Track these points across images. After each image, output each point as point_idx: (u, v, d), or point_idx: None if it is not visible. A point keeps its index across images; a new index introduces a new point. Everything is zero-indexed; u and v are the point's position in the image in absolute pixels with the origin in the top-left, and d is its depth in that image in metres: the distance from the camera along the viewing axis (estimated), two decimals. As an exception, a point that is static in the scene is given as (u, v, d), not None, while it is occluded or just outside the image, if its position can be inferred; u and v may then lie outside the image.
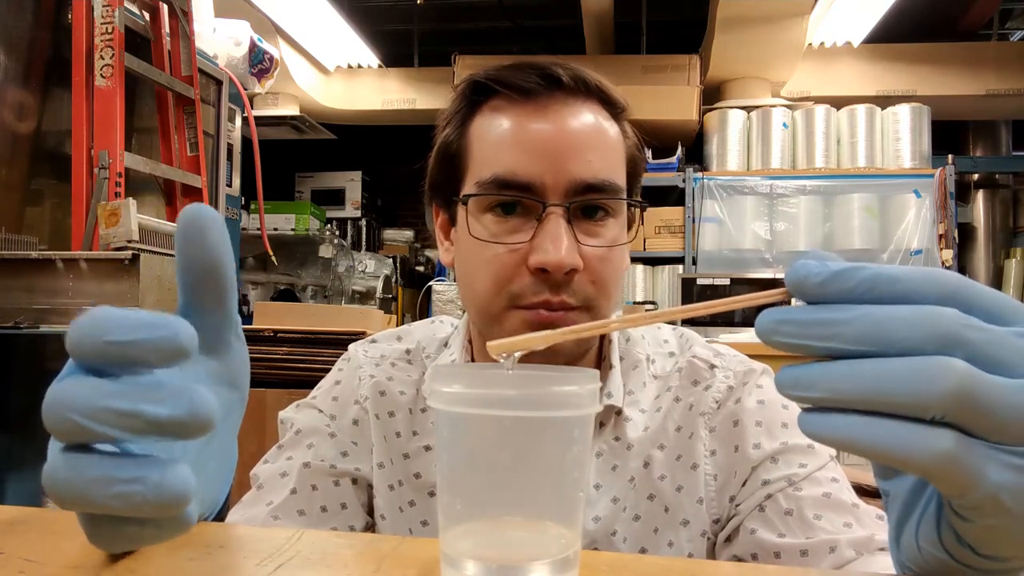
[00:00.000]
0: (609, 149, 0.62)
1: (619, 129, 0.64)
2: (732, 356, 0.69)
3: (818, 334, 0.27)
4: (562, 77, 0.60)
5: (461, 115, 0.65)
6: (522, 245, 0.59)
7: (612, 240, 0.61)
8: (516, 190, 0.59)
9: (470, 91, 0.64)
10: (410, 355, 0.74)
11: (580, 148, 0.59)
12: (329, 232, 4.57)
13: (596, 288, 0.60)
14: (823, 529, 0.56)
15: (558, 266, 0.56)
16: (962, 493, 0.27)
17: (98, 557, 0.34)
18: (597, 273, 0.59)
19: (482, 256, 0.60)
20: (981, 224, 4.51)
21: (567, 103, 0.60)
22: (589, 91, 0.62)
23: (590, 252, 0.59)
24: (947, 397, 0.25)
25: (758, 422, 0.63)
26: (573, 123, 0.60)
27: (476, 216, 0.61)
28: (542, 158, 0.58)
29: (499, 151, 0.60)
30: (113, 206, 1.63)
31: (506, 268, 0.59)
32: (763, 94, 4.21)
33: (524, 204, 0.59)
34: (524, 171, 0.58)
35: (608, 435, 0.65)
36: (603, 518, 0.63)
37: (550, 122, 0.59)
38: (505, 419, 0.31)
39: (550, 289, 0.58)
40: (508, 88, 0.61)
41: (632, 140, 0.66)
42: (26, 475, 1.73)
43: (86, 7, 1.86)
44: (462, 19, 4.98)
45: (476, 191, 0.61)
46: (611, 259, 0.61)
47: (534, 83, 0.60)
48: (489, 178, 0.59)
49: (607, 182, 0.60)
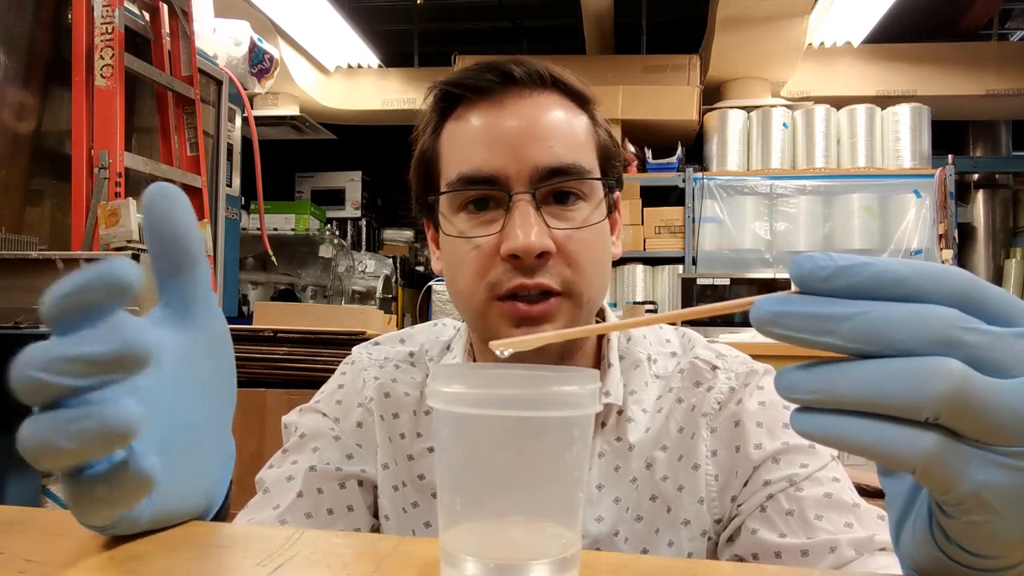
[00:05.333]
0: (572, 135, 0.62)
1: (587, 119, 0.65)
2: (734, 357, 0.69)
3: (815, 328, 0.27)
4: (515, 72, 0.62)
5: (432, 124, 0.67)
6: (494, 236, 0.60)
7: (584, 222, 0.61)
8: (481, 184, 0.60)
9: (437, 100, 0.66)
10: (413, 357, 0.74)
11: (539, 135, 0.60)
12: (329, 232, 4.57)
13: (574, 271, 0.60)
14: (824, 529, 0.56)
15: (526, 250, 0.57)
16: (946, 490, 0.27)
17: (98, 557, 0.34)
18: (573, 256, 0.60)
19: (460, 253, 0.62)
20: (981, 224, 4.51)
21: (523, 96, 0.62)
22: (545, 83, 0.63)
23: (562, 235, 0.60)
24: (939, 400, 0.25)
25: (759, 422, 0.63)
26: (530, 114, 0.61)
27: (449, 217, 0.63)
28: (502, 150, 0.60)
29: (463, 150, 0.62)
30: (113, 206, 1.63)
31: (482, 260, 0.60)
32: (763, 94, 4.21)
33: (492, 197, 0.61)
34: (486, 165, 0.60)
35: (610, 435, 0.65)
36: (606, 518, 0.63)
37: (507, 116, 0.61)
38: (505, 419, 0.30)
39: (524, 274, 0.58)
40: (467, 90, 0.63)
41: (603, 129, 0.67)
42: (26, 475, 1.73)
43: (86, 7, 1.86)
44: (462, 19, 4.98)
45: (445, 190, 0.63)
46: (587, 241, 0.61)
47: (489, 81, 0.62)
48: (455, 177, 0.61)
49: (571, 165, 0.60)
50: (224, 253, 2.58)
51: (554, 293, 0.59)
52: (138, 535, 0.37)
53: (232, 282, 2.74)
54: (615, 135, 0.69)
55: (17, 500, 1.65)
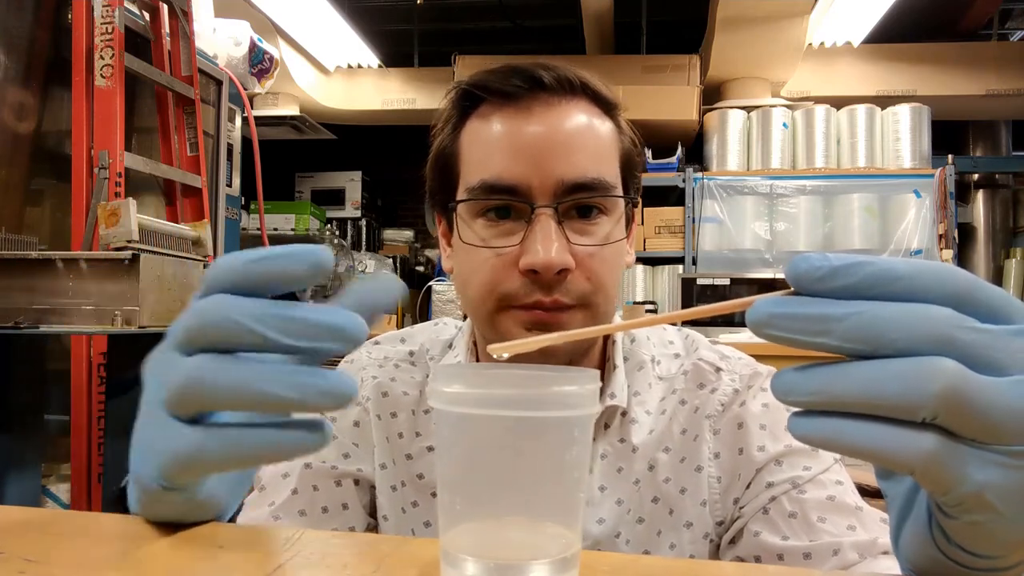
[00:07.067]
0: (598, 147, 0.61)
1: (612, 126, 0.64)
2: (738, 359, 0.69)
3: (810, 329, 0.27)
4: (544, 78, 0.60)
5: (452, 122, 0.65)
6: (513, 248, 0.58)
7: (605, 238, 0.60)
8: (504, 194, 0.59)
9: (459, 98, 0.64)
10: (413, 357, 0.74)
11: (566, 148, 0.59)
12: (329, 232, 4.57)
13: (592, 285, 0.59)
14: (827, 532, 0.56)
15: (547, 266, 0.56)
16: (946, 491, 0.27)
17: (98, 557, 0.34)
18: (592, 271, 0.59)
19: (475, 261, 0.60)
20: (981, 224, 4.51)
21: (551, 104, 0.60)
22: (574, 90, 0.61)
23: (583, 251, 0.59)
24: (936, 400, 0.25)
25: (762, 425, 0.63)
26: (558, 123, 0.59)
27: (468, 222, 0.61)
28: (528, 160, 0.58)
29: (486, 156, 0.60)
30: (113, 206, 1.62)
31: (497, 272, 0.59)
32: (763, 94, 4.21)
33: (514, 207, 0.59)
34: (510, 175, 0.58)
35: (613, 437, 0.65)
36: (607, 520, 0.63)
37: (534, 124, 0.59)
38: (505, 419, 0.30)
39: (541, 290, 0.57)
40: (491, 94, 0.61)
41: (628, 136, 0.65)
42: (26, 475, 1.73)
43: (86, 7, 1.86)
44: (462, 19, 4.98)
45: (466, 197, 0.61)
46: (606, 257, 0.60)
47: (517, 86, 0.60)
48: (477, 184, 0.60)
49: (596, 180, 0.59)
50: (224, 253, 2.58)
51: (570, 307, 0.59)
52: (139, 535, 0.37)
53: (232, 282, 2.73)
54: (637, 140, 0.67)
55: (17, 500, 1.65)
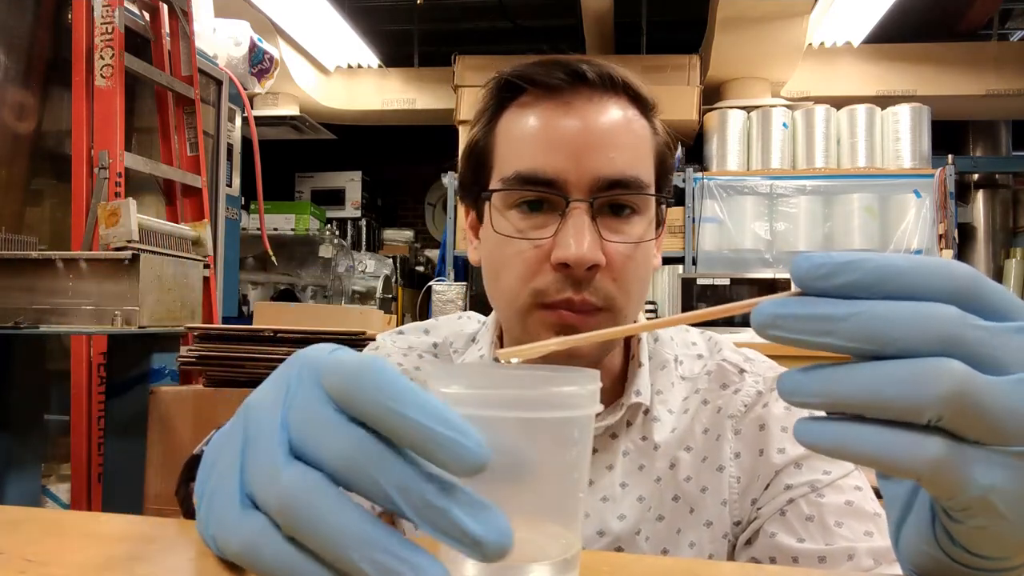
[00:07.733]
0: (635, 145, 0.61)
1: (648, 125, 0.64)
2: (762, 362, 0.69)
3: (814, 329, 0.27)
4: (587, 73, 0.60)
5: (489, 113, 0.65)
6: (545, 241, 0.58)
7: (638, 237, 0.60)
8: (539, 186, 0.58)
9: (497, 89, 0.64)
10: (437, 349, 0.73)
11: (604, 144, 0.58)
12: (329, 232, 4.57)
13: (618, 287, 0.59)
14: (843, 536, 0.56)
15: (578, 261, 0.56)
16: (952, 495, 0.27)
17: (98, 557, 0.34)
18: (619, 271, 0.59)
19: (506, 252, 0.60)
20: (981, 224, 4.51)
21: (592, 99, 0.60)
22: (616, 87, 0.61)
23: (613, 249, 0.58)
24: (942, 401, 0.25)
25: (784, 427, 0.63)
26: (598, 118, 0.59)
27: (501, 212, 0.61)
28: (566, 154, 0.58)
29: (523, 147, 0.60)
30: (113, 206, 1.62)
31: (530, 264, 0.59)
32: (763, 94, 4.21)
33: (548, 200, 0.59)
34: (548, 167, 0.58)
35: (636, 434, 0.65)
36: (628, 517, 0.63)
37: (574, 118, 0.59)
38: (505, 419, 0.30)
39: (572, 287, 0.57)
40: (533, 85, 0.61)
41: (662, 137, 0.65)
42: (26, 475, 1.73)
43: (86, 7, 1.86)
44: (462, 19, 4.98)
45: (500, 187, 0.61)
46: (635, 257, 0.60)
47: (559, 79, 0.59)
48: (512, 174, 0.59)
49: (632, 178, 0.59)
50: (224, 253, 2.58)
51: (598, 309, 0.58)
52: (140, 535, 0.37)
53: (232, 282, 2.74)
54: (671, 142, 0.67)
55: (17, 500, 1.65)
